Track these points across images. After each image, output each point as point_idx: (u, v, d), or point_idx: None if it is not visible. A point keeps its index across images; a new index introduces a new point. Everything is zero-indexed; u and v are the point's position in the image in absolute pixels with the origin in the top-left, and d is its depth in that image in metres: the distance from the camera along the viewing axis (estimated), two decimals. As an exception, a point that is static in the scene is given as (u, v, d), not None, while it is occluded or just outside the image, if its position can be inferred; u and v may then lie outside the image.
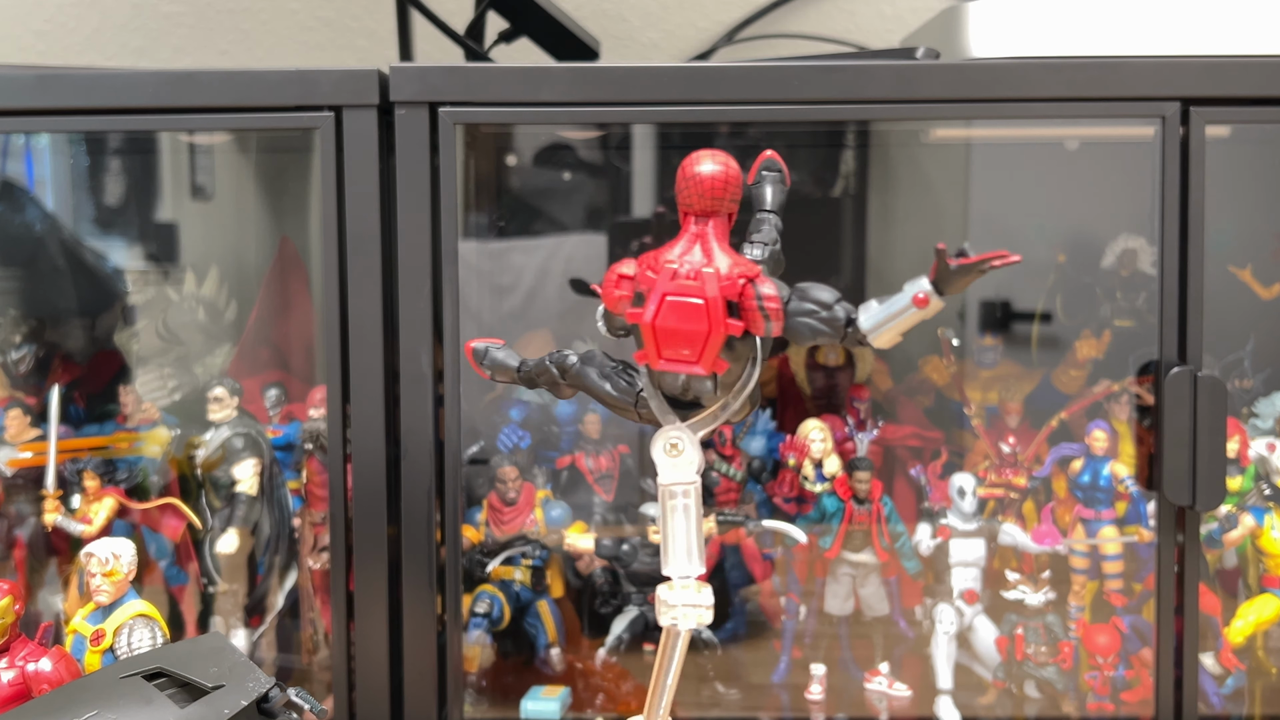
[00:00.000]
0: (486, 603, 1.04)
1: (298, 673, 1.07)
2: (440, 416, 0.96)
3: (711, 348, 0.66)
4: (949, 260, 0.63)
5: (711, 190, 0.67)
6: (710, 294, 0.66)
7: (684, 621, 0.68)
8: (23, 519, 1.06)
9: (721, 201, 0.68)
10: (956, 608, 1.05)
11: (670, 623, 0.68)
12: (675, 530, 0.69)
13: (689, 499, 0.69)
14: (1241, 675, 1.03)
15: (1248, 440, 1.04)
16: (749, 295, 0.66)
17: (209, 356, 1.16)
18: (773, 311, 0.66)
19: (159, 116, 0.95)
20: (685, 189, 0.68)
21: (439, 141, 0.94)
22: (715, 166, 0.68)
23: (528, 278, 1.25)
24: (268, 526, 1.05)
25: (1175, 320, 0.94)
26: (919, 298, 0.64)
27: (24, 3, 1.49)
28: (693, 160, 0.68)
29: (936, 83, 0.92)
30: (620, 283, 0.68)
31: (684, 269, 0.67)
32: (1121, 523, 1.04)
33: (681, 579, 0.69)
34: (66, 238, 1.19)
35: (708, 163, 0.68)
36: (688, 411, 0.70)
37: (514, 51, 1.34)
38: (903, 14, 1.48)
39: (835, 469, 1.05)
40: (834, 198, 1.27)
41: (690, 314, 0.66)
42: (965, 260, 0.63)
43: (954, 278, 0.63)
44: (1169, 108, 0.93)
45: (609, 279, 0.68)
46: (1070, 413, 1.09)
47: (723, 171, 0.68)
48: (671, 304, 0.66)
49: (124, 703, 0.71)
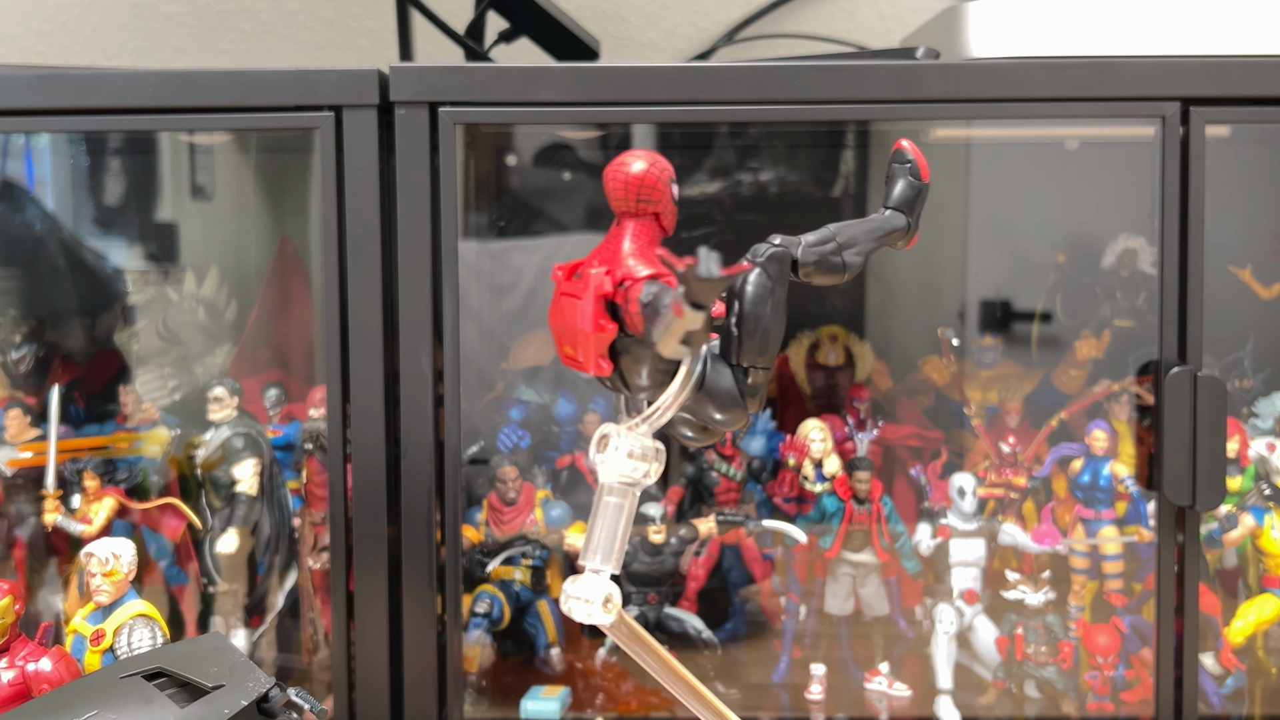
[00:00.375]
0: (486, 603, 1.04)
1: (298, 673, 1.07)
2: (440, 416, 0.96)
3: (589, 347, 0.63)
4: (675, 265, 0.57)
5: (615, 190, 0.65)
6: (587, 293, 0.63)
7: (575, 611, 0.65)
8: (23, 519, 1.06)
9: (626, 202, 0.65)
10: (956, 608, 1.05)
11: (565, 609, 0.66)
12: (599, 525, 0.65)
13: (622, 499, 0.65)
14: (1241, 675, 1.03)
15: (1248, 440, 1.04)
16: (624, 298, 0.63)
17: (209, 356, 1.16)
18: (633, 315, 0.63)
19: (159, 116, 0.95)
20: (604, 186, 0.66)
21: (439, 141, 0.94)
22: (627, 167, 0.65)
23: (528, 278, 1.25)
24: (268, 526, 1.05)
25: (1175, 320, 0.94)
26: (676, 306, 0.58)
27: (24, 3, 1.49)
28: (614, 160, 0.66)
29: (936, 83, 0.92)
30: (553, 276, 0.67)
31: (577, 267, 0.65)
32: (1121, 523, 1.04)
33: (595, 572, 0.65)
34: (66, 238, 1.19)
35: (623, 162, 0.66)
36: None
37: (514, 51, 1.34)
38: (903, 14, 1.48)
39: (835, 469, 1.05)
40: (834, 198, 1.27)
41: (570, 312, 0.64)
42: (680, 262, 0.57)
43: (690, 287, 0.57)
44: (1169, 108, 0.93)
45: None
46: (1070, 413, 1.09)
47: (628, 173, 0.65)
48: (562, 301, 0.65)
49: (124, 703, 0.71)
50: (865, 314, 1.24)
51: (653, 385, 0.65)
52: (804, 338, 1.18)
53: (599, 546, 0.65)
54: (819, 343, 1.18)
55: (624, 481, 0.64)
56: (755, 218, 1.24)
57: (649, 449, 0.64)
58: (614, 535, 0.65)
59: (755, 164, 1.23)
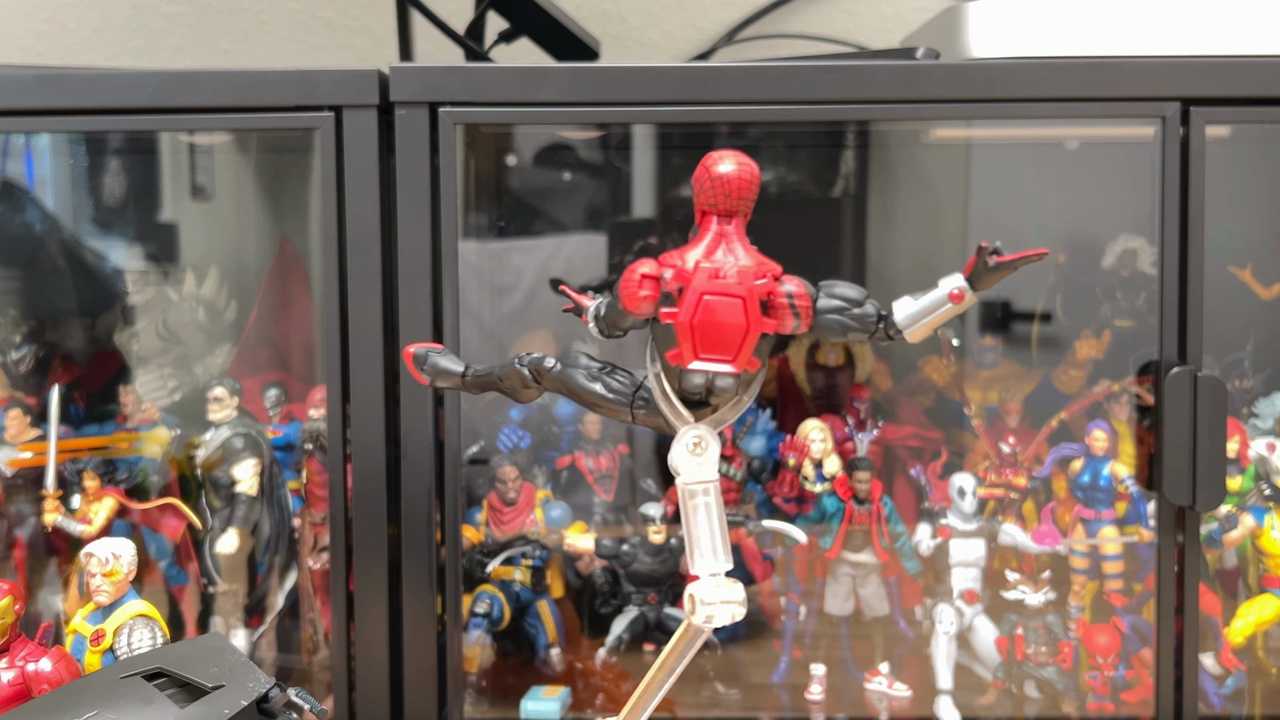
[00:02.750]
0: (486, 603, 1.04)
1: (298, 673, 1.07)
2: (440, 416, 0.96)
3: (748, 345, 0.67)
4: (988, 258, 0.66)
5: (739, 190, 0.68)
6: (746, 292, 0.67)
7: (720, 618, 0.68)
8: (23, 519, 1.06)
9: (746, 201, 0.68)
10: (956, 608, 1.05)
11: (705, 621, 0.68)
12: (700, 528, 0.69)
13: (709, 496, 0.69)
14: (1241, 675, 1.03)
15: (1248, 440, 1.04)
16: (777, 293, 0.67)
17: (209, 356, 1.16)
18: (802, 309, 0.67)
19: (159, 116, 0.95)
20: (710, 189, 0.68)
21: (439, 141, 0.94)
22: (740, 166, 0.68)
23: (528, 278, 1.25)
24: (268, 526, 1.05)
25: (1175, 320, 0.94)
26: (955, 293, 0.67)
27: (24, 3, 1.49)
28: (715, 160, 0.68)
29: (936, 83, 0.92)
30: (644, 283, 0.68)
31: (719, 268, 0.67)
32: (1121, 523, 1.04)
33: (712, 575, 0.69)
34: (66, 238, 1.19)
35: (731, 162, 0.68)
36: (696, 411, 0.70)
37: (514, 51, 1.34)
38: (903, 14, 1.48)
39: (835, 469, 1.05)
40: (834, 198, 1.27)
41: (729, 312, 0.67)
42: (1002, 258, 0.66)
43: (989, 274, 0.66)
44: (1169, 108, 0.93)
45: (629, 280, 0.68)
46: (1070, 413, 1.09)
47: (749, 170, 0.68)
48: (709, 303, 0.67)
49: (124, 703, 0.71)
50: (865, 314, 1.24)
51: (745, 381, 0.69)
52: (804, 338, 1.18)
53: (718, 546, 0.69)
54: (819, 343, 1.18)
55: (709, 479, 0.69)
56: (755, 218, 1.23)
57: None
58: (723, 530, 0.69)
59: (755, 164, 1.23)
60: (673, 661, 0.71)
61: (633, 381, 0.71)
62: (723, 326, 0.67)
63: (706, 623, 0.68)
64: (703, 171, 0.69)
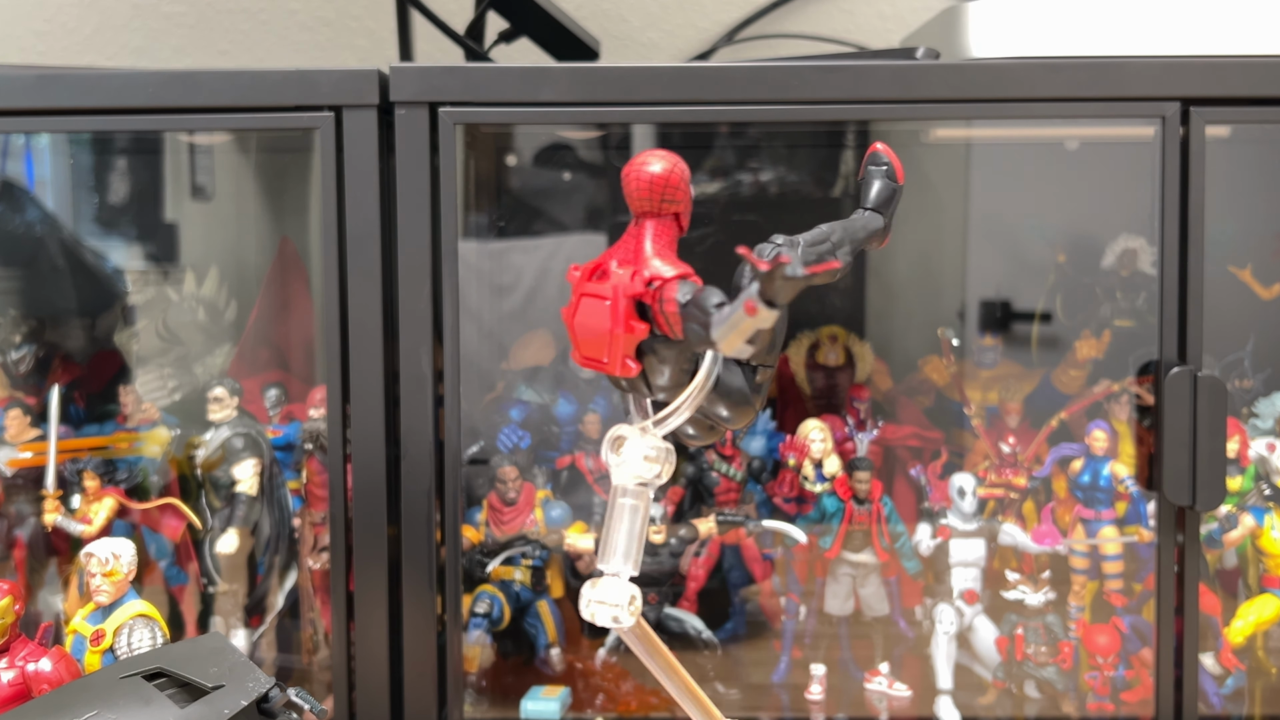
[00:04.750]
0: (486, 603, 1.04)
1: (298, 673, 1.07)
2: (440, 416, 0.96)
3: (616, 348, 0.63)
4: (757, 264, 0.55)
5: (638, 190, 0.65)
6: (614, 294, 0.63)
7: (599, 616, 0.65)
8: (23, 519, 1.06)
9: (650, 202, 0.65)
10: (956, 608, 1.05)
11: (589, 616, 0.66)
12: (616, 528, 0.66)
13: (638, 500, 0.66)
14: (1241, 675, 1.03)
15: (1248, 440, 1.04)
16: (656, 298, 0.63)
17: (209, 356, 1.16)
18: (670, 315, 0.62)
19: (159, 116, 0.95)
20: (623, 187, 0.66)
21: (439, 141, 0.94)
22: (649, 167, 0.65)
23: (528, 278, 1.25)
24: (268, 526, 1.05)
25: (1175, 320, 0.94)
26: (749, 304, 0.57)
27: (24, 3, 1.49)
28: (633, 160, 0.66)
29: (936, 83, 0.92)
30: (570, 276, 0.67)
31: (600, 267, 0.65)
32: (1121, 523, 1.04)
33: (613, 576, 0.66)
34: (66, 238, 1.19)
35: (645, 162, 0.66)
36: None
37: (514, 51, 1.34)
38: (903, 14, 1.48)
39: (835, 469, 1.05)
40: (834, 198, 1.27)
41: (597, 313, 0.64)
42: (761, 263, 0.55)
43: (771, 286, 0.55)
44: (1169, 108, 0.93)
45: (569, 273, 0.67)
46: (1070, 413, 1.09)
47: (651, 173, 0.65)
48: (585, 302, 0.65)
49: (124, 703, 0.71)
50: (865, 314, 1.24)
51: (672, 385, 0.65)
52: (804, 338, 1.18)
53: (618, 548, 0.66)
54: (819, 343, 1.18)
55: (639, 482, 0.65)
56: (755, 218, 1.24)
57: (661, 450, 0.65)
58: (632, 536, 0.66)
59: (755, 164, 1.23)
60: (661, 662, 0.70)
61: None
62: (594, 327, 0.64)
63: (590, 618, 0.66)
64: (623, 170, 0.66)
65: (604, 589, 0.65)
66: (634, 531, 0.66)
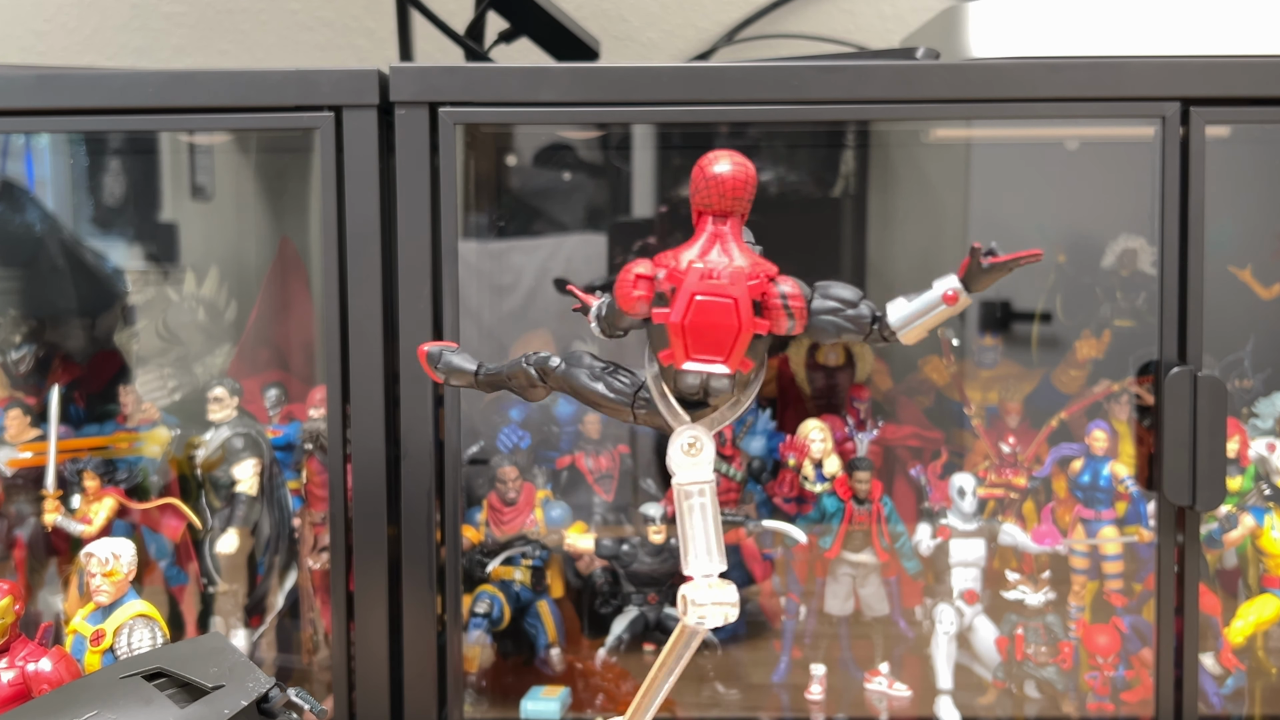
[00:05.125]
0: (486, 603, 1.04)
1: (298, 673, 1.07)
2: (440, 416, 0.96)
3: (740, 346, 0.67)
4: (982, 259, 0.65)
5: (734, 190, 0.68)
6: (739, 293, 0.66)
7: (711, 619, 0.68)
8: (23, 519, 1.06)
9: (741, 201, 0.68)
10: (956, 608, 1.05)
11: (697, 621, 0.68)
12: (694, 528, 0.69)
13: (704, 497, 0.69)
14: (1241, 675, 1.03)
15: (1248, 440, 1.04)
16: (772, 294, 0.67)
17: (209, 356, 1.16)
18: (796, 310, 0.67)
19: (159, 116, 0.95)
20: (705, 189, 0.68)
21: (439, 141, 0.94)
22: (735, 166, 0.68)
23: (528, 278, 1.25)
24: (268, 526, 1.05)
25: (1175, 320, 0.94)
26: (949, 295, 0.67)
27: (24, 3, 1.49)
28: (711, 160, 0.69)
29: (936, 83, 0.92)
30: (638, 283, 0.68)
31: (712, 268, 0.67)
32: (1121, 523, 1.04)
33: (705, 577, 0.69)
34: (66, 238, 1.19)
35: (726, 162, 0.68)
36: (695, 411, 0.70)
37: (514, 51, 1.34)
38: (903, 14, 1.48)
39: (835, 469, 1.05)
40: (834, 198, 1.27)
41: (720, 313, 0.67)
42: (996, 259, 0.65)
43: (983, 275, 0.66)
44: (1169, 108, 0.93)
45: (625, 279, 0.68)
46: (1070, 413, 1.09)
47: (743, 171, 0.68)
48: (701, 303, 0.67)
49: (124, 703, 0.71)
50: (865, 314, 1.24)
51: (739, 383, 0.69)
52: (801, 338, 1.18)
53: (713, 547, 0.69)
54: (818, 343, 1.18)
55: (704, 480, 0.69)
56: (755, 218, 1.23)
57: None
58: (717, 531, 0.69)
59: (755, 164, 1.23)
60: (671, 663, 0.72)
61: (634, 382, 0.71)
62: (714, 327, 0.67)
63: (699, 623, 0.68)
64: (698, 172, 0.69)
65: (718, 592, 0.68)
66: (714, 525, 0.69)
